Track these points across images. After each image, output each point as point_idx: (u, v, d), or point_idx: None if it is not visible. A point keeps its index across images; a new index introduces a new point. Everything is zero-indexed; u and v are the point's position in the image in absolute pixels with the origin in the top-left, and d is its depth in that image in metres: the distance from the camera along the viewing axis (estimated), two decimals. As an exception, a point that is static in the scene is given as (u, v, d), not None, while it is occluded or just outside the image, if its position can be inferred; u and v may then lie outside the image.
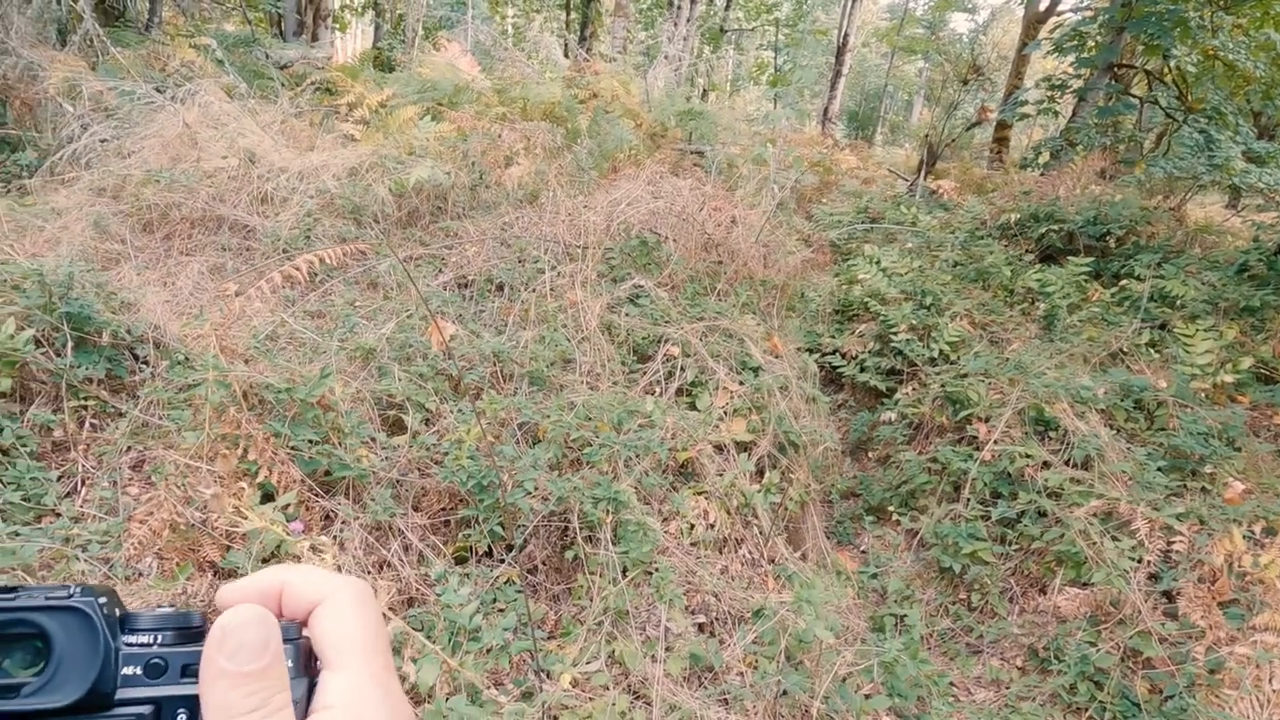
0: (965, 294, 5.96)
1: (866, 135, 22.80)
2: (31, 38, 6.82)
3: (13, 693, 0.33)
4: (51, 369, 3.06)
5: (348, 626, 0.37)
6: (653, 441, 3.42)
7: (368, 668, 0.37)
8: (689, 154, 8.19)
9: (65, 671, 0.34)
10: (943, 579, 4.11)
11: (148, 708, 0.35)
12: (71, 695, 0.33)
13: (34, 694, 0.33)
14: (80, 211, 4.71)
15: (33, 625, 0.34)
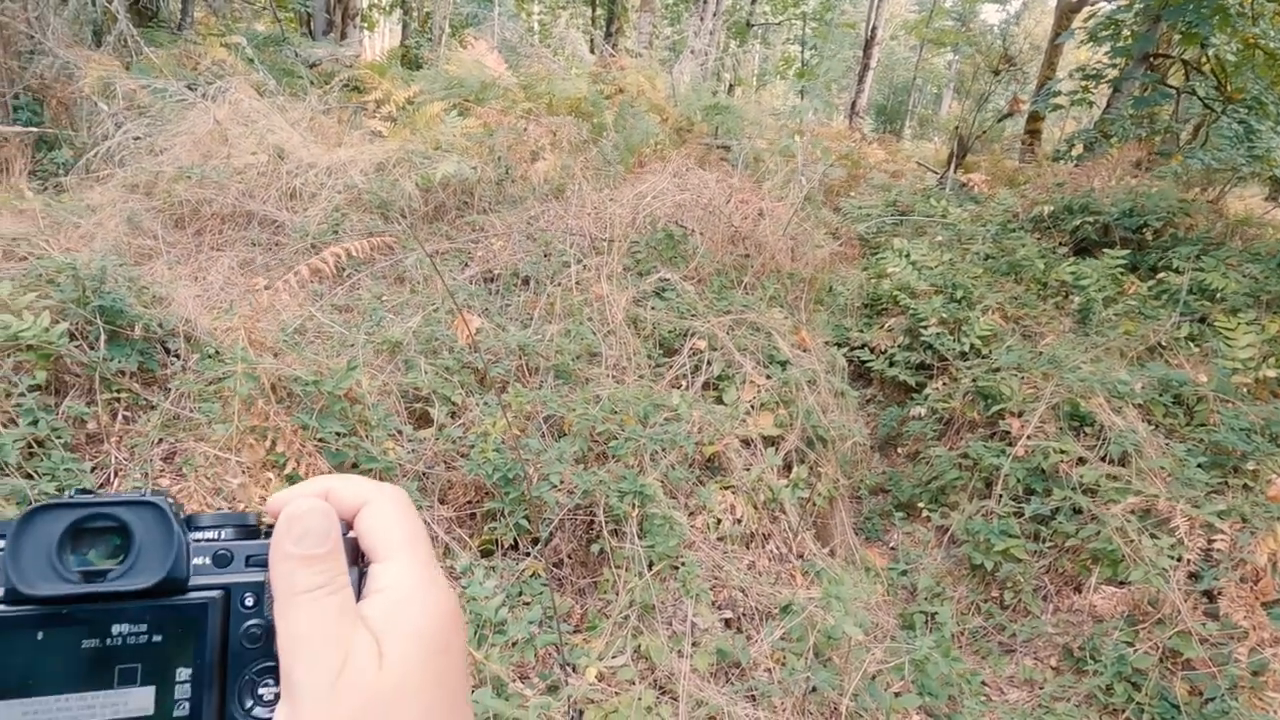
0: (997, 287, 5.86)
1: (895, 129, 22.54)
2: (68, 38, 6.94)
3: (100, 577, 0.37)
4: (85, 362, 3.10)
5: (391, 524, 0.41)
6: (679, 435, 3.39)
7: (413, 557, 0.40)
8: (715, 148, 8.14)
9: (144, 559, 0.37)
10: (974, 576, 4.04)
11: (218, 592, 0.38)
12: (151, 579, 0.37)
13: (119, 578, 0.37)
14: (114, 208, 4.78)
15: (114, 519, 0.38)
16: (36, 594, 0.36)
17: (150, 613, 0.37)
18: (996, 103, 15.26)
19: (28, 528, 0.37)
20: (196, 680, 0.37)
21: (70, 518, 0.37)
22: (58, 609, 0.36)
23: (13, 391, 2.84)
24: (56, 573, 0.36)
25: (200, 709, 0.37)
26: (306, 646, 0.36)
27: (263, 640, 0.39)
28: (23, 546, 0.36)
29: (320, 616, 0.36)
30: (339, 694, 0.35)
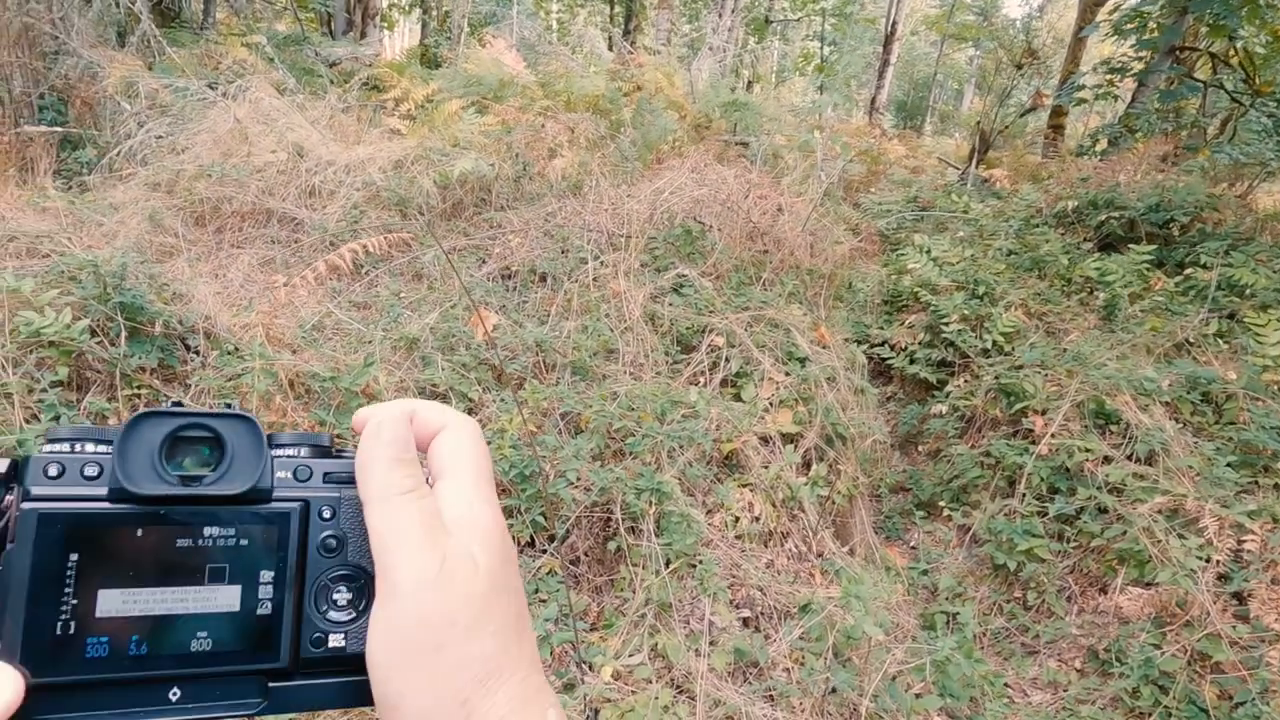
0: (1020, 283, 5.77)
1: (915, 125, 22.34)
2: (92, 39, 7.02)
3: (195, 482, 0.39)
4: (106, 358, 3.12)
5: (464, 449, 0.43)
6: (696, 432, 3.37)
7: (475, 480, 0.42)
8: (733, 145, 8.09)
9: (235, 468, 0.40)
10: (996, 576, 3.98)
11: (298, 503, 0.41)
12: (242, 486, 0.40)
13: (212, 484, 0.40)
14: (136, 206, 4.82)
15: (210, 430, 0.40)
16: (140, 493, 0.38)
17: (238, 518, 0.40)
18: (1019, 97, 15.07)
19: (133, 433, 0.39)
20: (278, 582, 0.41)
21: (171, 425, 0.40)
22: (156, 509, 0.39)
23: (35, 387, 2.87)
24: (158, 475, 0.39)
25: (281, 608, 0.40)
26: (407, 544, 0.38)
27: (337, 551, 0.42)
28: (129, 449, 0.39)
29: (418, 516, 0.39)
30: (441, 588, 0.38)
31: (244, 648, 0.40)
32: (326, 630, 0.41)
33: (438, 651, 0.37)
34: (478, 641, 0.38)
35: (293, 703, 0.41)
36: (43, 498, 0.38)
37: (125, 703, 0.38)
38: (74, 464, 0.39)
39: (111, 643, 0.38)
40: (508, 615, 0.40)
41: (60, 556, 0.37)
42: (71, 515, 0.38)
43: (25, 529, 0.37)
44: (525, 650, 0.40)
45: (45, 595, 0.37)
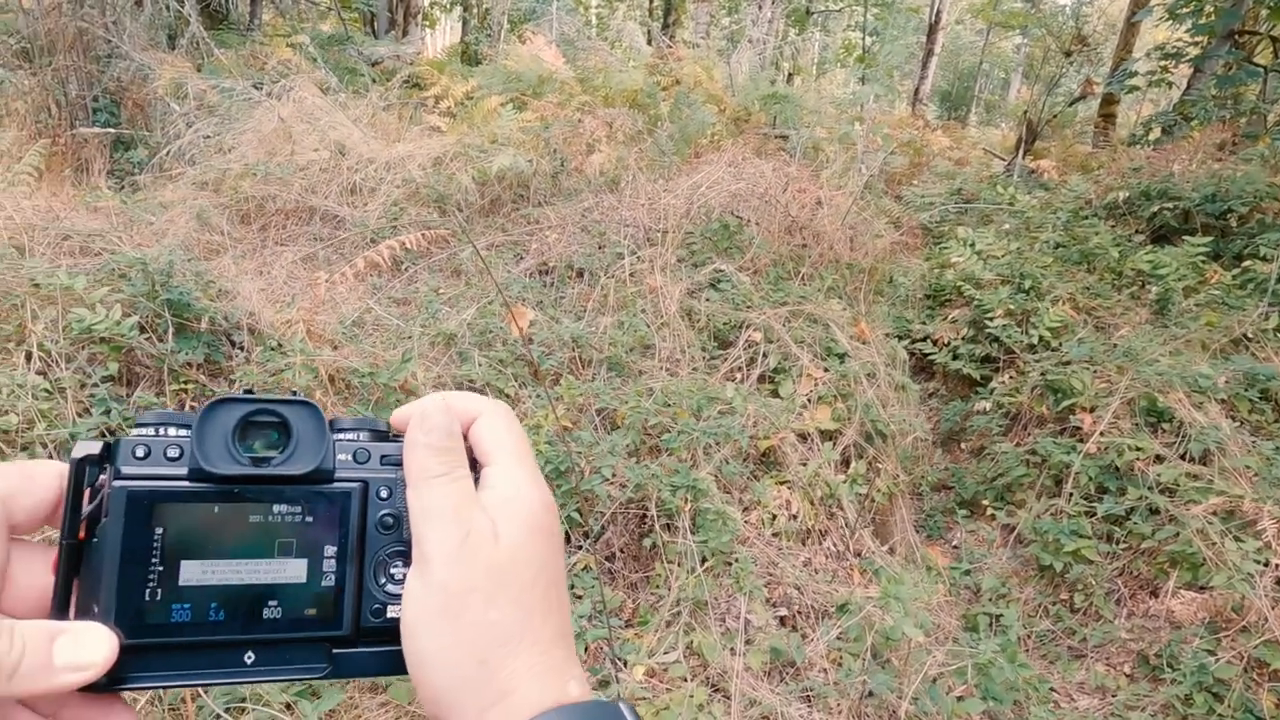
0: (1068, 277, 5.62)
1: (960, 116, 21.90)
2: (143, 42, 7.20)
3: (265, 463, 0.43)
4: (154, 354, 3.20)
5: (501, 433, 0.46)
6: (733, 429, 3.34)
7: (518, 461, 0.45)
8: (773, 138, 8.01)
9: (301, 451, 0.44)
10: (1042, 578, 3.88)
11: (358, 484, 0.45)
12: (307, 467, 0.43)
13: (280, 465, 0.43)
14: (184, 205, 4.94)
15: (277, 415, 0.44)
16: (216, 472, 0.42)
17: (304, 497, 0.44)
18: (1068, 86, 14.68)
19: (210, 417, 0.43)
20: (340, 557, 0.44)
21: (243, 410, 0.43)
22: (230, 488, 0.42)
23: (86, 382, 2.95)
24: (231, 456, 0.42)
25: (343, 581, 0.44)
26: (434, 520, 0.42)
27: (394, 528, 0.45)
28: (206, 432, 0.42)
29: (447, 496, 0.43)
30: (464, 559, 0.41)
31: (310, 617, 0.43)
32: (385, 602, 0.44)
33: (459, 616, 0.41)
34: (496, 609, 0.41)
35: (354, 668, 0.45)
36: (131, 476, 0.41)
37: (206, 664, 0.42)
38: (158, 446, 0.42)
39: (193, 609, 0.41)
40: (533, 587, 0.43)
41: (147, 530, 0.41)
42: (156, 492, 0.41)
43: (117, 505, 0.41)
44: (551, 623, 0.43)
45: (135, 565, 0.41)
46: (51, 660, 0.37)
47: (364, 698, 2.30)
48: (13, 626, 0.37)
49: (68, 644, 0.38)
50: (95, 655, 0.38)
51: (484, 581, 0.41)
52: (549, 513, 0.45)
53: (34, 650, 0.37)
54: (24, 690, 0.37)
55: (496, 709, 0.40)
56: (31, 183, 5.31)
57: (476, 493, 0.44)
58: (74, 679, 0.38)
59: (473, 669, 0.40)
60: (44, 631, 0.38)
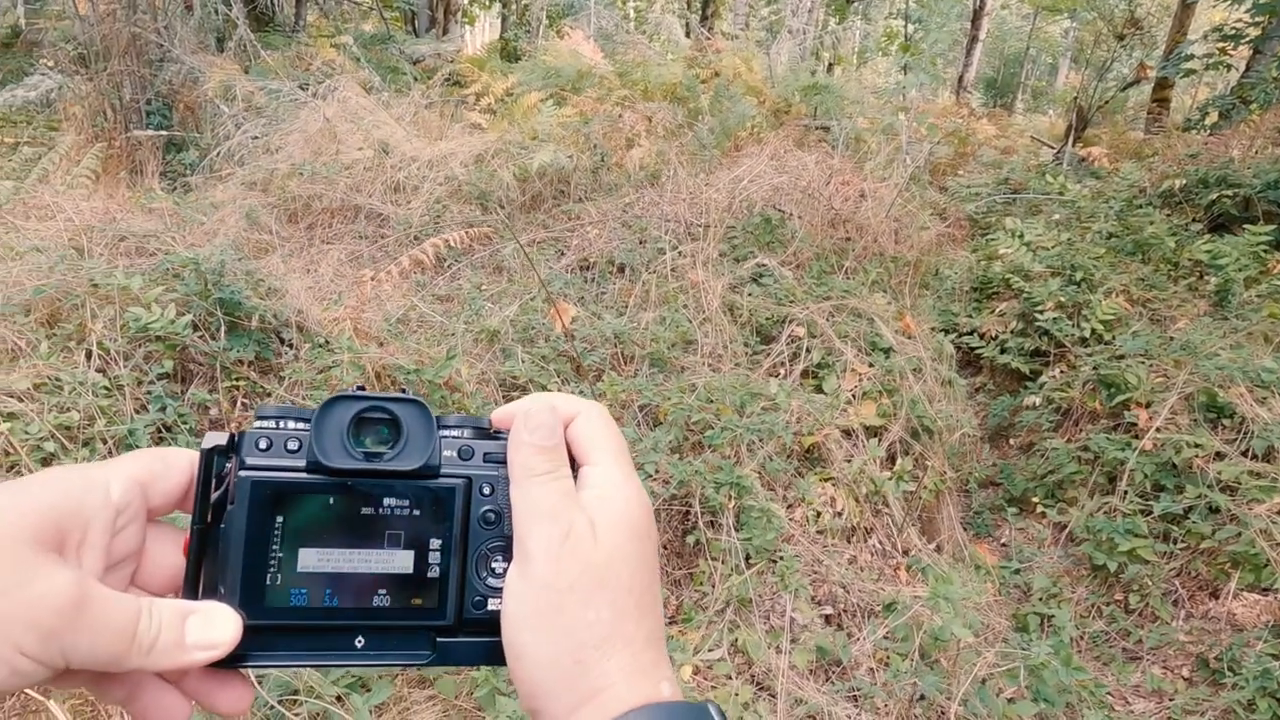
0: (1121, 268, 5.46)
1: (1005, 103, 21.41)
2: (193, 45, 7.37)
3: (376, 458, 0.45)
4: (207, 351, 3.28)
5: (599, 433, 0.47)
6: (777, 425, 3.31)
7: (615, 461, 0.46)
8: (814, 129, 7.92)
9: (410, 447, 0.45)
10: (1095, 577, 3.79)
11: (462, 480, 0.46)
12: (415, 463, 0.45)
13: (391, 460, 0.45)
14: (234, 205, 5.04)
15: (387, 412, 0.45)
16: (332, 466, 0.44)
17: (412, 491, 0.46)
18: (1119, 70, 14.24)
19: (327, 414, 0.45)
20: (445, 549, 0.46)
21: (357, 408, 0.45)
22: (344, 480, 0.44)
23: (143, 379, 3.03)
24: (346, 451, 0.44)
25: (448, 572, 0.46)
26: (537, 518, 0.43)
27: (495, 523, 0.46)
28: (323, 428, 0.44)
29: (550, 495, 0.44)
30: (563, 557, 0.42)
31: (416, 606, 0.45)
32: (486, 594, 0.46)
33: (557, 613, 0.42)
34: (593, 609, 0.42)
35: (456, 657, 0.46)
36: (255, 467, 0.44)
37: (320, 646, 0.45)
38: (279, 439, 0.44)
39: (310, 594, 0.44)
40: (629, 589, 0.43)
41: (269, 518, 0.43)
42: (278, 483, 0.44)
43: (242, 493, 0.43)
44: (645, 625, 0.44)
45: (258, 550, 0.43)
46: (184, 638, 0.40)
47: (412, 691, 2.33)
48: (151, 605, 0.39)
49: (198, 623, 0.41)
50: (223, 635, 0.41)
51: (582, 581, 0.42)
52: (646, 515, 0.46)
53: (169, 628, 0.39)
54: (159, 664, 0.39)
55: (588, 706, 0.41)
56: (89, 185, 5.47)
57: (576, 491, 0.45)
58: (203, 656, 0.40)
59: (568, 666, 0.41)
60: (178, 610, 0.40)
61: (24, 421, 2.60)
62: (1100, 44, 13.57)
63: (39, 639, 0.35)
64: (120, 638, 0.38)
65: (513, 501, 0.45)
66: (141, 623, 0.38)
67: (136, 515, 0.42)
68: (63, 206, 4.18)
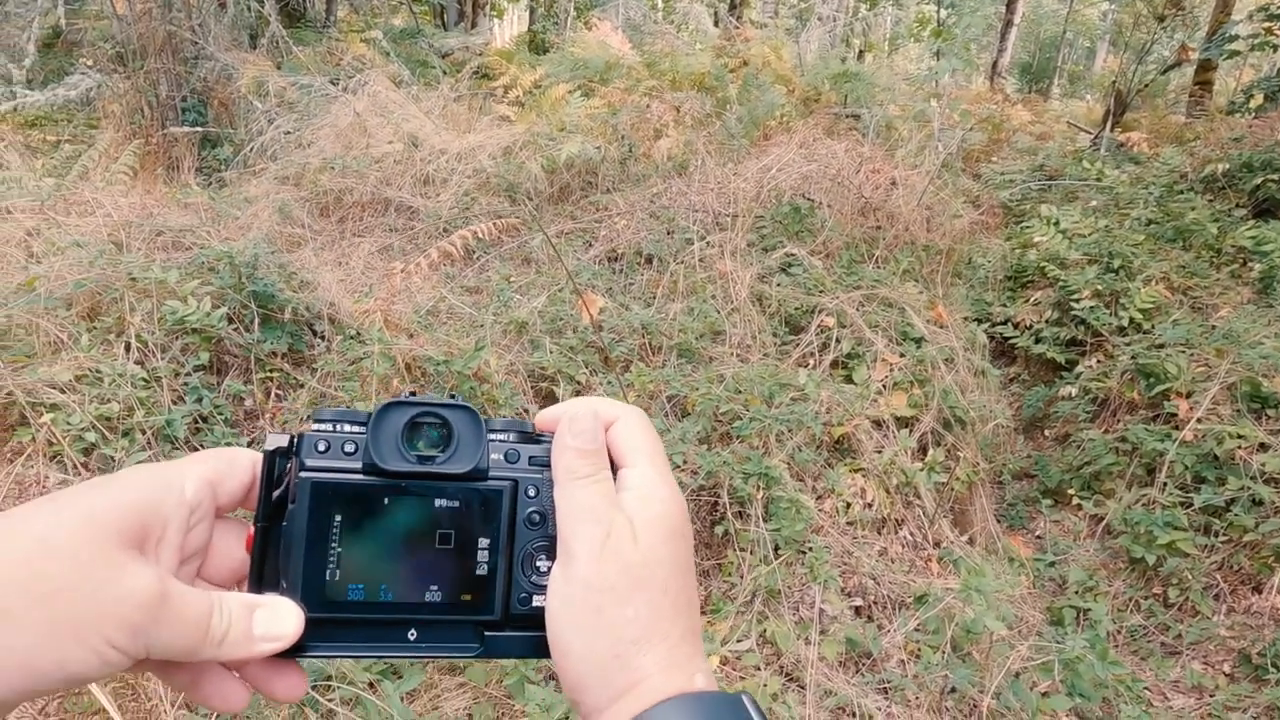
0: (1161, 255, 5.33)
1: (1041, 88, 20.98)
2: (227, 42, 7.47)
3: (429, 460, 0.47)
4: (242, 343, 3.33)
5: (638, 437, 0.49)
6: (806, 415, 3.29)
7: (653, 464, 0.48)
8: (844, 118, 7.82)
9: (461, 450, 0.47)
10: (1133, 571, 3.71)
11: (509, 482, 0.48)
12: (466, 466, 0.47)
13: (443, 464, 0.47)
14: (267, 199, 5.11)
15: (439, 417, 0.48)
16: (388, 469, 0.46)
17: (462, 493, 0.48)
18: (1159, 53, 13.88)
19: (383, 418, 0.47)
20: (493, 548, 0.48)
21: (411, 413, 0.47)
22: (398, 482, 0.47)
23: (180, 371, 3.09)
24: (400, 454, 0.47)
25: (495, 570, 0.48)
26: (580, 519, 0.45)
27: (540, 524, 0.48)
28: (380, 432, 0.46)
29: (592, 497, 0.46)
30: (604, 558, 0.44)
31: (466, 601, 0.48)
32: (530, 591, 0.48)
33: (598, 612, 0.44)
34: (632, 607, 0.44)
35: (503, 650, 0.49)
36: (314, 468, 0.46)
37: (375, 639, 0.47)
38: (336, 441, 0.47)
39: (366, 589, 0.46)
40: (666, 588, 0.45)
41: (328, 516, 0.46)
42: (336, 484, 0.46)
43: (303, 493, 0.45)
44: (681, 622, 0.45)
45: (318, 547, 0.45)
46: (252, 631, 0.42)
47: (443, 679, 2.36)
48: (221, 599, 0.42)
49: (265, 617, 0.43)
50: (287, 628, 0.43)
51: (622, 580, 0.44)
52: (683, 517, 0.48)
53: (238, 621, 0.42)
54: (228, 656, 0.42)
55: (625, 698, 0.43)
56: (127, 181, 5.57)
57: (616, 494, 0.47)
58: (269, 648, 0.43)
59: (607, 661, 0.43)
60: (246, 604, 0.43)
61: (66, 412, 2.66)
62: (1140, 26, 13.22)
63: (127, 633, 0.37)
64: (196, 631, 0.40)
65: (556, 503, 0.47)
66: (214, 617, 0.41)
67: (206, 513, 0.45)
68: (102, 202, 4.26)
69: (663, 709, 0.42)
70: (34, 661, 0.36)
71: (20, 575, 0.36)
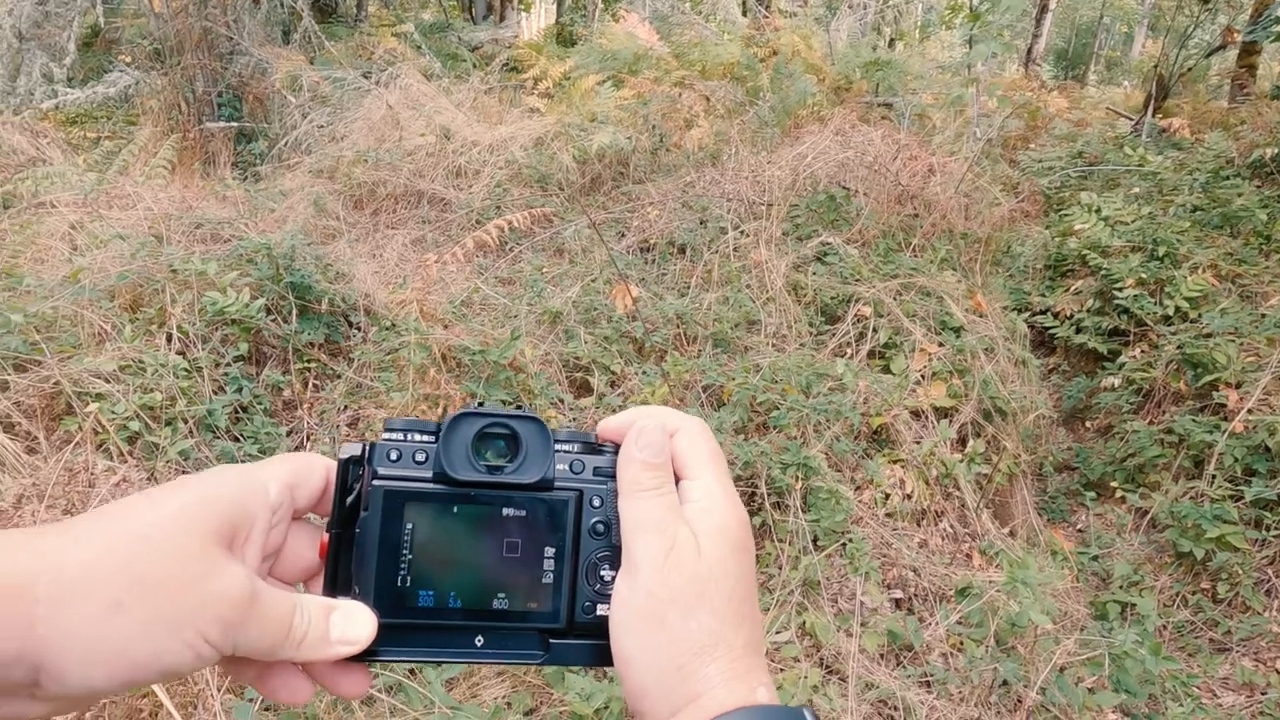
0: (1208, 242, 5.20)
1: (1077, 75, 20.57)
2: (261, 38, 7.55)
3: (498, 470, 0.48)
4: (280, 334, 3.36)
5: (701, 448, 0.49)
6: (844, 406, 3.24)
7: (716, 476, 0.48)
8: (875, 106, 7.72)
9: (528, 461, 0.48)
10: (1180, 565, 3.63)
11: (574, 492, 0.49)
12: (533, 476, 0.48)
13: (511, 474, 0.48)
14: (302, 192, 5.16)
15: (507, 427, 0.48)
16: (458, 478, 0.47)
17: (528, 502, 0.48)
18: (1202, 36, 13.52)
19: (455, 428, 0.48)
20: (558, 557, 0.48)
21: (481, 423, 0.48)
22: (467, 490, 0.47)
23: (220, 361, 3.12)
24: (470, 464, 0.47)
25: (560, 579, 0.48)
26: (645, 531, 0.46)
27: (604, 534, 0.49)
28: (451, 441, 0.47)
29: (657, 509, 0.46)
30: (668, 569, 0.44)
31: (532, 609, 0.48)
32: (595, 600, 0.48)
33: (661, 622, 0.44)
34: (695, 619, 0.44)
35: (568, 657, 0.49)
36: (387, 477, 0.47)
37: (444, 644, 0.48)
38: (407, 450, 0.47)
39: (435, 596, 0.47)
40: (729, 600, 0.45)
41: (400, 524, 0.46)
42: (408, 492, 0.47)
43: (375, 501, 0.46)
44: (744, 634, 0.45)
45: (390, 554, 0.46)
46: (328, 634, 0.43)
47: (482, 667, 2.36)
48: (301, 600, 0.43)
49: (340, 620, 0.44)
50: (361, 632, 0.44)
51: (685, 592, 0.44)
52: (745, 529, 0.48)
53: (316, 623, 0.43)
54: (305, 657, 0.43)
55: (688, 709, 0.43)
56: (166, 175, 5.66)
57: (679, 505, 0.47)
58: (344, 650, 0.44)
59: (670, 672, 0.43)
60: (323, 607, 0.44)
61: (111, 401, 2.70)
62: (1181, 9, 12.89)
63: (220, 629, 0.39)
64: (279, 630, 0.41)
65: (620, 514, 0.48)
66: (296, 618, 0.42)
67: (285, 515, 0.46)
68: (142, 196, 4.33)
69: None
70: (134, 653, 0.37)
71: (127, 570, 0.37)
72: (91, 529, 0.38)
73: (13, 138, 5.66)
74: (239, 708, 1.75)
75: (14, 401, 2.68)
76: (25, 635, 0.35)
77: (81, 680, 0.36)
